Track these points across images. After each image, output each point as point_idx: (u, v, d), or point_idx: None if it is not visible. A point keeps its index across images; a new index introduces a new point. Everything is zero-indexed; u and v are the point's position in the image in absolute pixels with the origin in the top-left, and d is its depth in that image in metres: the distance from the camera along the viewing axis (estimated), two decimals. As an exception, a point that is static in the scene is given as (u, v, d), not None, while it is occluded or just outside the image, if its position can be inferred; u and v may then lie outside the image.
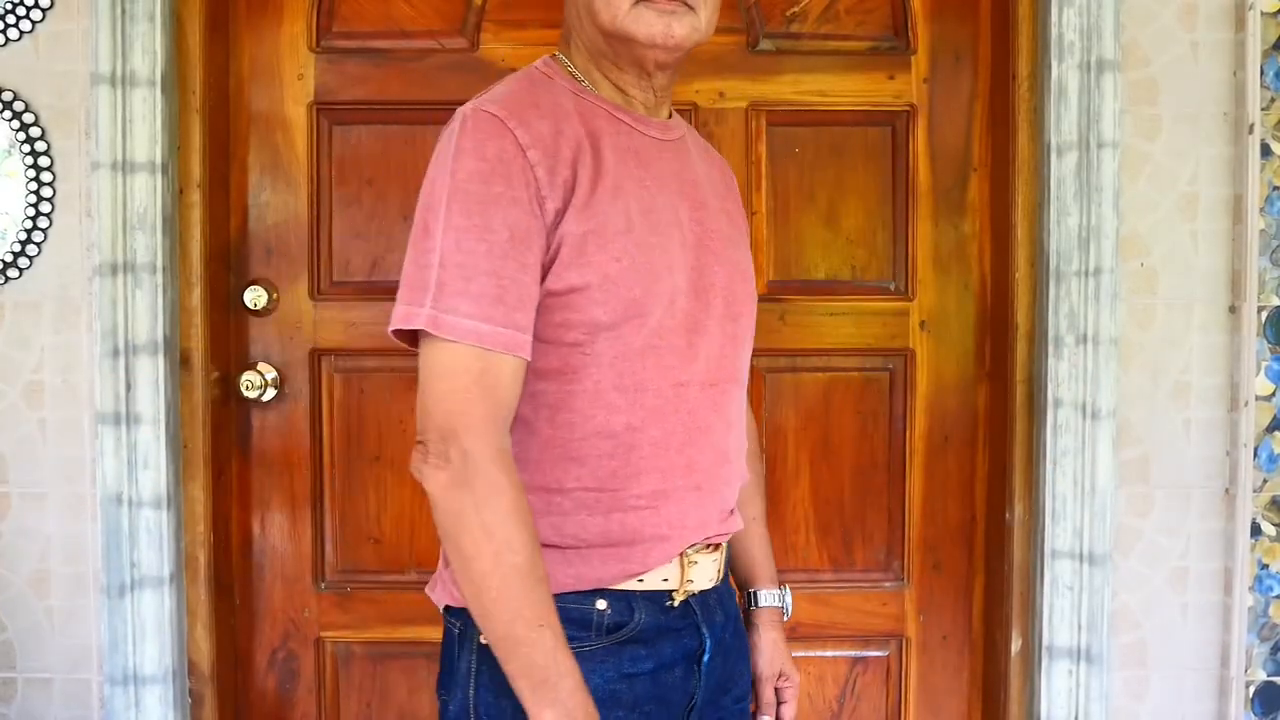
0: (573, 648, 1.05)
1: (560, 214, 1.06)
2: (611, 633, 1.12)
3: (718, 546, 1.21)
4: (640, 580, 1.13)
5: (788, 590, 1.38)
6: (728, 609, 1.25)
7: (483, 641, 1.08)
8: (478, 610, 1.03)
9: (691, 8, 1.11)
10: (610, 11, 1.11)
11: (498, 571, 1.01)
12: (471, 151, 1.04)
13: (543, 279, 1.07)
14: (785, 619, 1.37)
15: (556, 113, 1.10)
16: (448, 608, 1.16)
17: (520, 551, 1.02)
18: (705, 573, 1.18)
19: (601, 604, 1.12)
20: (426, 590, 1.20)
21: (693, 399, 1.14)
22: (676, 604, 1.15)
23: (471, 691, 1.11)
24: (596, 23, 1.13)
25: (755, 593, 1.35)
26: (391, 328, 1.06)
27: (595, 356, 1.09)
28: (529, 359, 1.06)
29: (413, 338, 1.07)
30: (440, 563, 1.18)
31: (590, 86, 1.17)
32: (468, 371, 1.03)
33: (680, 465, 1.14)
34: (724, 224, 1.23)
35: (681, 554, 1.15)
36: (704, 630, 1.18)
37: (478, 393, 1.03)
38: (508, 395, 1.05)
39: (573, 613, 1.08)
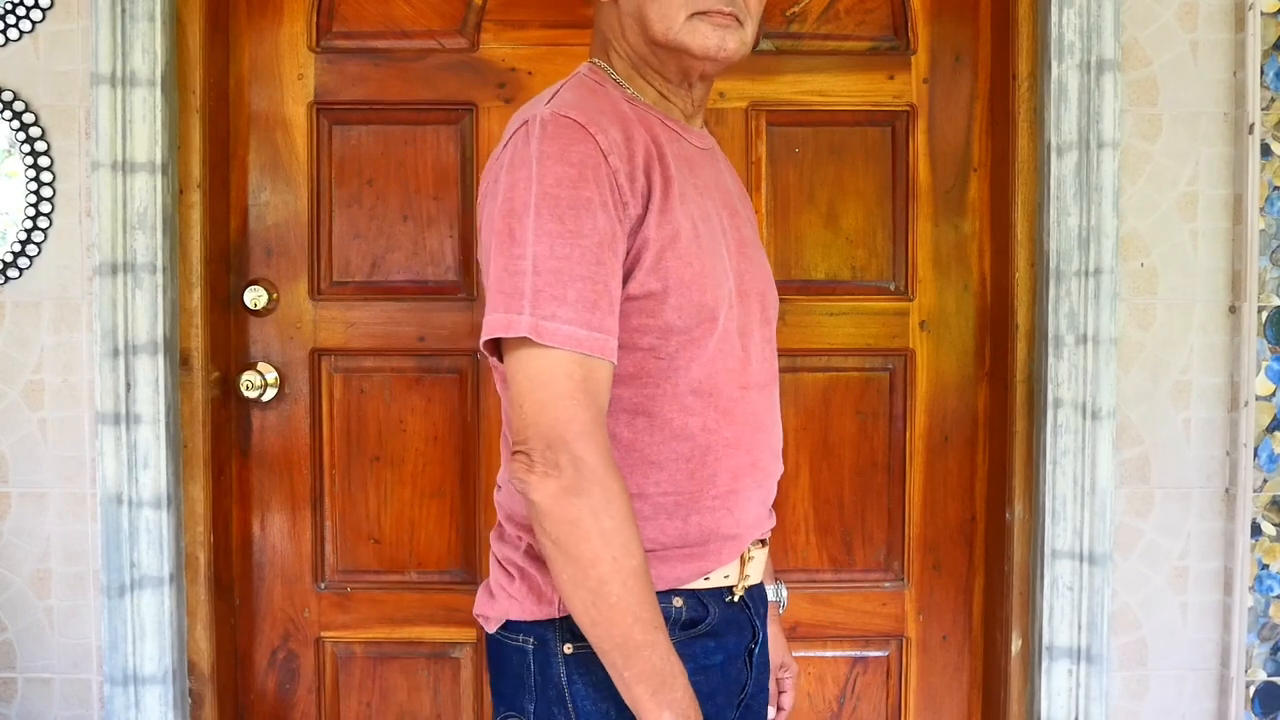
0: None
1: (640, 220, 1.07)
2: (687, 628, 1.13)
3: (765, 542, 1.24)
4: (706, 579, 1.15)
5: (783, 585, 1.41)
6: (766, 602, 1.29)
7: (568, 651, 1.09)
8: (592, 618, 1.02)
9: (741, 24, 1.14)
10: (665, 24, 1.12)
11: (617, 576, 1.01)
12: (557, 156, 1.04)
13: (623, 284, 1.08)
14: (780, 613, 1.40)
15: (623, 120, 1.11)
16: (511, 623, 1.14)
17: (636, 555, 1.02)
18: (758, 567, 1.21)
19: (678, 601, 1.13)
20: (476, 611, 1.19)
21: (753, 400, 1.18)
22: (736, 599, 1.18)
23: (570, 704, 1.10)
24: (648, 34, 1.14)
25: None
26: (489, 337, 1.04)
27: (670, 360, 1.10)
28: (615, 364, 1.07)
29: (494, 345, 1.07)
30: (499, 578, 1.17)
31: (636, 94, 1.19)
32: (570, 378, 1.02)
33: (747, 465, 1.17)
34: (749, 231, 1.27)
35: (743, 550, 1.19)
36: (756, 623, 1.22)
37: (583, 399, 1.02)
38: (605, 400, 1.05)
39: None
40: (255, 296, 1.88)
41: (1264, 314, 1.78)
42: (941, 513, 1.96)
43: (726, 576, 1.17)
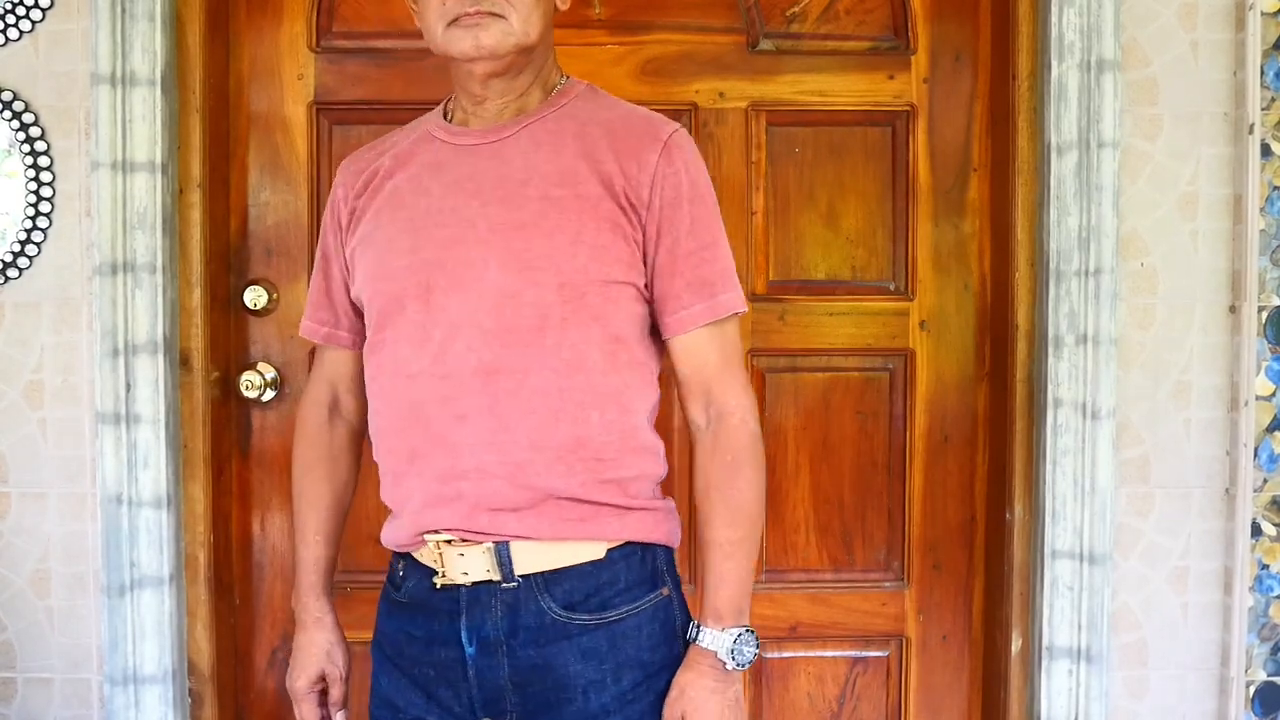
0: None
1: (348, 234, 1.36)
2: (395, 588, 1.32)
3: (490, 544, 1.20)
4: (416, 552, 1.27)
5: (731, 633, 1.21)
6: (524, 620, 1.21)
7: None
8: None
9: (500, 15, 1.18)
10: (432, 41, 1.24)
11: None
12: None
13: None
14: (729, 667, 1.21)
15: (379, 150, 1.40)
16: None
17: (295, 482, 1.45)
18: (457, 566, 1.21)
19: (394, 561, 1.33)
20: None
21: (420, 388, 1.21)
22: (439, 586, 1.23)
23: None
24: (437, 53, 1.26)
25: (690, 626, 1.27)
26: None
27: (367, 347, 1.32)
28: None
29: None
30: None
31: (453, 111, 1.33)
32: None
33: (404, 451, 1.23)
34: (508, 216, 1.21)
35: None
36: (482, 626, 1.21)
37: (313, 372, 1.43)
38: (331, 373, 1.41)
39: None
40: (255, 296, 1.88)
41: (1264, 314, 1.78)
42: (941, 513, 1.96)
43: (434, 561, 1.23)
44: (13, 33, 1.74)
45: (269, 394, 1.89)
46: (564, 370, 1.19)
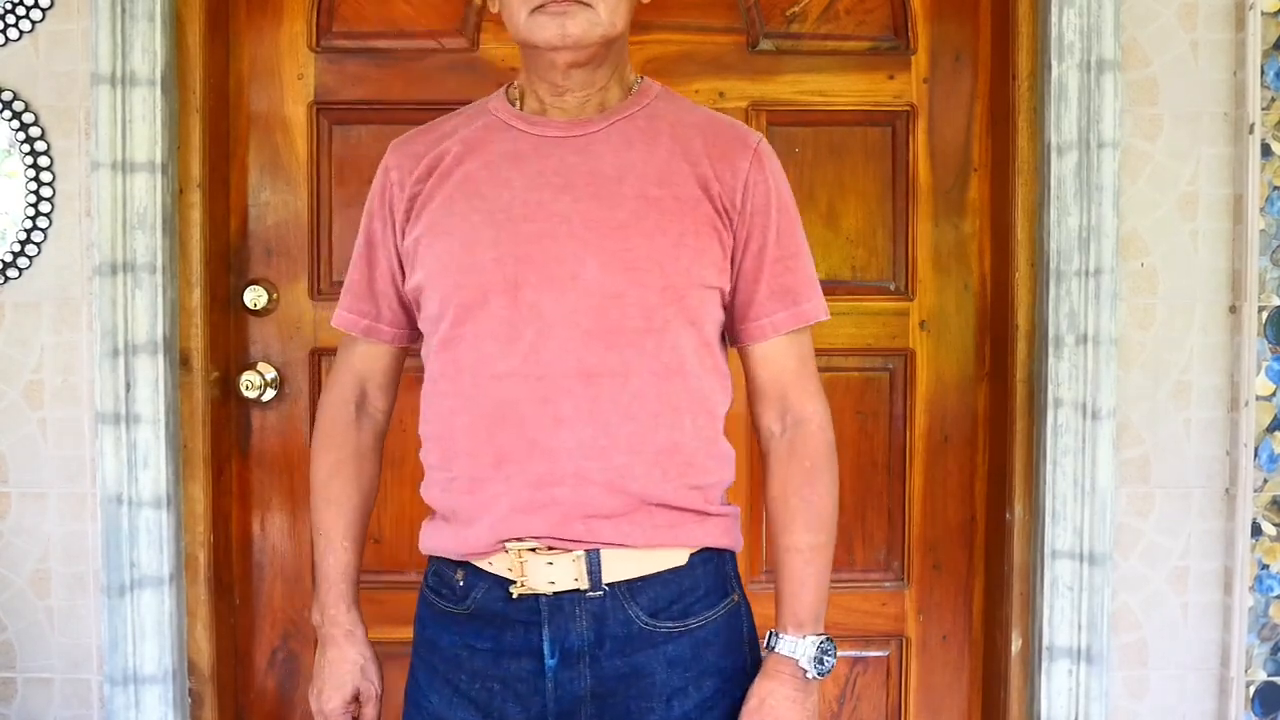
0: None
1: (405, 222, 1.31)
2: (443, 597, 1.27)
3: (580, 551, 1.17)
4: (488, 561, 1.22)
5: (813, 641, 1.20)
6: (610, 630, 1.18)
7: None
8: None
9: (587, 4, 1.15)
10: (514, 26, 1.18)
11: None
12: None
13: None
14: (810, 675, 1.20)
15: (439, 135, 1.32)
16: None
17: (314, 480, 1.35)
18: (543, 574, 1.17)
19: (441, 567, 1.28)
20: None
21: (509, 389, 1.16)
22: (516, 595, 1.18)
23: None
24: (515, 40, 1.20)
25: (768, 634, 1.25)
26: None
27: (432, 344, 1.25)
28: None
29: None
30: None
31: (518, 100, 1.27)
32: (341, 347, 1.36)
33: (490, 454, 1.17)
34: (602, 213, 1.18)
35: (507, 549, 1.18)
36: (566, 638, 1.17)
37: (338, 358, 1.36)
38: (362, 366, 1.34)
39: None
40: (255, 296, 1.88)
41: (1264, 314, 1.78)
42: (941, 513, 1.96)
43: (509, 570, 1.17)
44: (13, 33, 1.74)
45: (269, 394, 1.89)
46: (663, 374, 1.17)
